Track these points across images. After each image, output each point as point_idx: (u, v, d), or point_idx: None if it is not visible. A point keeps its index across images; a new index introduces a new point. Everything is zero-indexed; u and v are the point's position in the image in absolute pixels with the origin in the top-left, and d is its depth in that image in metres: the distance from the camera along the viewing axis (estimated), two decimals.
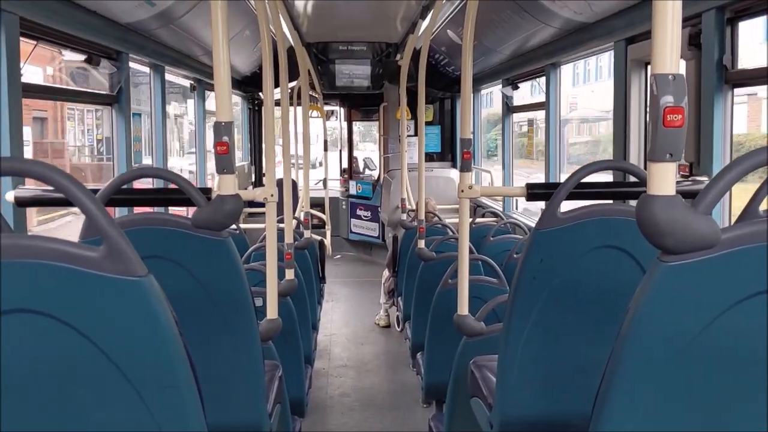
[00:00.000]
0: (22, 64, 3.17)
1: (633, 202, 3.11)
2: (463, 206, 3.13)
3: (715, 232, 1.18)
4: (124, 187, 2.35)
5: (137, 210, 3.71)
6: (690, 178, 3.26)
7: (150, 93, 5.40)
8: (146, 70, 5.33)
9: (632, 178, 2.69)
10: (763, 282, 1.20)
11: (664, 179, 1.21)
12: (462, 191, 3.06)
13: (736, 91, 3.26)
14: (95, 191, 2.16)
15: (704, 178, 3.18)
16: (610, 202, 2.97)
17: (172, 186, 2.31)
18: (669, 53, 1.20)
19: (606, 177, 4.33)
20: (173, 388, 1.30)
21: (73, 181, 1.25)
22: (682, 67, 1.24)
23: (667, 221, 1.18)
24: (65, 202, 2.61)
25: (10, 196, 2.70)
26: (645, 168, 3.64)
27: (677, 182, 1.26)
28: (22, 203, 2.74)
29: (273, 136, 3.27)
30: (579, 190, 2.27)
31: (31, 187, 2.81)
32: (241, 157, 10.30)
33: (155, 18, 4.40)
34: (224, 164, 2.17)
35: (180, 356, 1.29)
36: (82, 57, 4.13)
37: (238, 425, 2.24)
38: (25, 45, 3.36)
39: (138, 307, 1.24)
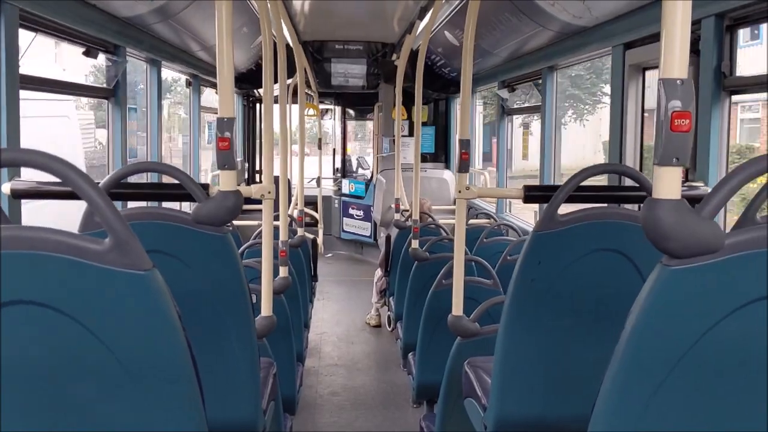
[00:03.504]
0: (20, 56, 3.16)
1: (629, 206, 3.13)
2: (459, 207, 3.14)
3: (719, 237, 1.19)
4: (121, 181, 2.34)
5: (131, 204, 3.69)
6: (686, 184, 3.28)
7: (146, 87, 5.38)
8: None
9: (629, 182, 2.70)
10: (765, 287, 1.21)
11: (670, 183, 1.22)
12: (459, 192, 3.06)
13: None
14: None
15: (700, 184, 3.19)
16: (605, 205, 2.98)
17: (168, 181, 2.31)
18: (677, 58, 1.21)
19: (600, 181, 4.34)
20: (176, 383, 1.30)
21: (78, 172, 1.24)
22: None
23: (673, 225, 1.19)
24: (63, 194, 2.60)
25: (6, 188, 2.69)
26: (641, 171, 3.66)
27: None
28: (18, 195, 2.73)
29: (272, 133, 3.27)
30: (577, 192, 2.28)
31: (26, 180, 2.79)
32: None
33: (154, 12, 4.39)
34: (225, 160, 2.17)
35: (183, 352, 1.29)
36: (80, 49, 4.12)
37: (233, 421, 2.23)
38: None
39: (143, 302, 1.24)
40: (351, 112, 11.88)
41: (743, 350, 1.25)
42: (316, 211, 10.29)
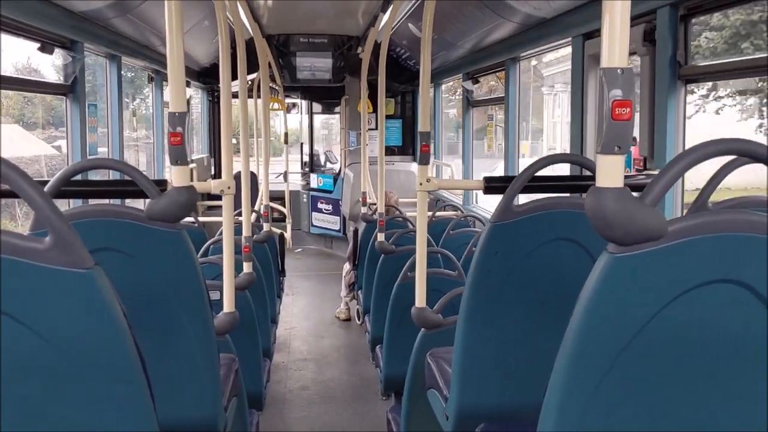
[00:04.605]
0: None
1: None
2: (421, 199, 3.14)
3: (661, 224, 1.20)
4: (79, 179, 2.31)
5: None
6: (644, 172, 3.32)
7: (105, 83, 5.30)
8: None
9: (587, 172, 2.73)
10: (708, 273, 1.22)
11: (613, 172, 1.23)
12: (420, 184, 3.07)
13: None
14: (45, 183, 2.12)
15: (656, 172, 3.23)
16: (567, 195, 3.00)
17: (127, 178, 2.27)
18: (618, 48, 1.22)
19: (565, 170, 4.38)
20: (122, 382, 1.29)
21: (18, 170, 1.22)
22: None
23: (615, 213, 1.20)
24: (6, 194, 2.55)
25: None
26: None
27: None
28: None
29: (230, 127, 3.24)
30: (534, 183, 2.30)
31: None
32: (200, 150, 10.20)
33: (111, 7, 4.32)
34: (178, 155, 2.15)
35: (129, 350, 1.27)
36: (35, 45, 4.04)
37: (193, 419, 2.22)
38: None
39: (85, 300, 1.22)
40: (318, 105, 11.83)
41: (688, 335, 1.26)
42: (284, 207, 10.24)
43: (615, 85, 1.22)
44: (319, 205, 10.85)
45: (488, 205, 7.27)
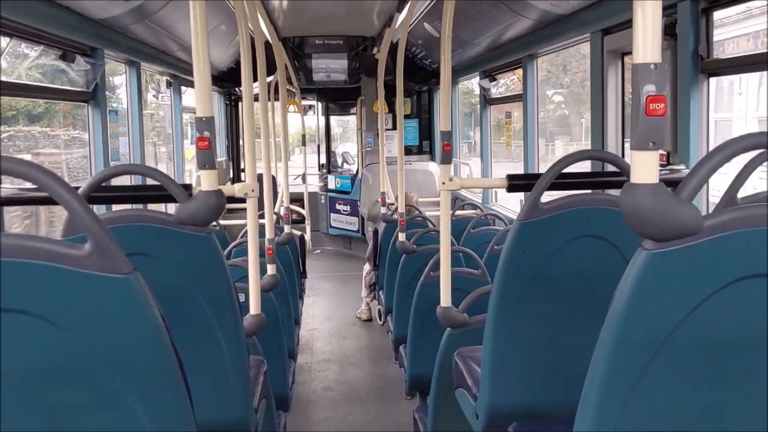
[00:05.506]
0: None
1: (612, 192, 3.14)
2: (444, 198, 3.14)
3: (697, 219, 1.19)
4: (103, 185, 2.33)
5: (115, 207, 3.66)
6: (668, 167, 3.30)
7: (126, 89, 5.34)
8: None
9: (610, 167, 2.71)
10: (745, 267, 1.22)
11: (648, 167, 1.22)
12: (443, 183, 3.06)
13: None
14: (75, 189, 2.13)
15: (681, 167, 3.21)
16: (589, 191, 2.99)
17: (151, 183, 2.29)
18: (650, 42, 1.21)
19: (583, 167, 4.36)
20: (161, 385, 1.30)
21: (56, 178, 1.24)
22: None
23: (651, 209, 1.19)
24: (41, 200, 2.58)
25: None
26: (623, 157, 3.67)
27: None
28: None
29: (253, 131, 3.25)
30: (560, 180, 2.29)
31: (6, 186, 2.76)
32: (218, 154, 10.24)
33: (130, 13, 4.36)
34: (206, 159, 2.16)
35: (168, 353, 1.29)
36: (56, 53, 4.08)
37: (224, 421, 2.23)
38: None
39: (124, 305, 1.23)
40: (334, 107, 11.85)
41: (726, 331, 1.26)
42: (303, 208, 10.27)
43: (648, 80, 1.21)
44: (337, 206, 10.87)
45: (509, 203, 7.26)
